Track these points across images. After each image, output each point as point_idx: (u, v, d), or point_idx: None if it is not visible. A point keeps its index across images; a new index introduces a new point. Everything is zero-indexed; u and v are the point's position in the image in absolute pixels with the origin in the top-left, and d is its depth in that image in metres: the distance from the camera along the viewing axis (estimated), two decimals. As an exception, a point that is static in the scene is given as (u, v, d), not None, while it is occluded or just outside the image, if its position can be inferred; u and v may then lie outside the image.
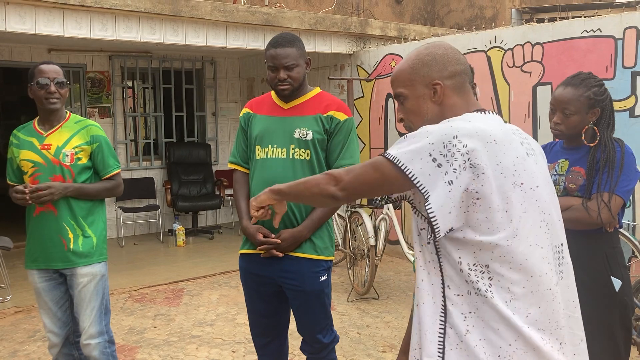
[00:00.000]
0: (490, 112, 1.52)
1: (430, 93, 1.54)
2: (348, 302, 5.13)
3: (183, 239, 7.46)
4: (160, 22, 5.66)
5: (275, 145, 2.60)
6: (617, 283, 2.34)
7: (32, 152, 2.84)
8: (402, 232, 5.41)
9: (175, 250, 7.26)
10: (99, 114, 7.83)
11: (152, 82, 8.35)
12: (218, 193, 8.17)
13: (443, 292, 1.45)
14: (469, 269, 1.41)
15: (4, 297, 5.23)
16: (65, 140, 2.84)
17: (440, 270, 1.45)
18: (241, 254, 2.77)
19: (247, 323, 2.94)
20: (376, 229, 5.13)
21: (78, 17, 5.20)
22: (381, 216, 5.22)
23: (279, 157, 2.59)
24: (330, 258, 2.74)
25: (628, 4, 6.62)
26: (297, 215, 2.61)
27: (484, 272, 1.40)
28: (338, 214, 6.23)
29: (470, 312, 1.41)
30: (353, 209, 5.54)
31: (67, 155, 2.81)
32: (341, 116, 2.63)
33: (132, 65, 8.00)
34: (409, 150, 1.39)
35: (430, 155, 1.37)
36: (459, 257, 1.42)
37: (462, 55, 1.59)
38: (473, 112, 1.51)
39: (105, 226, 2.97)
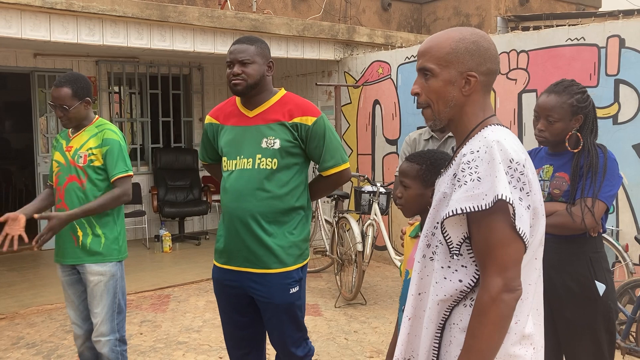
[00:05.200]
0: (503, 125, 1.50)
1: (461, 82, 1.46)
2: (335, 307, 5.13)
3: (169, 245, 7.41)
4: (147, 27, 5.65)
5: (242, 156, 2.54)
6: (601, 287, 2.37)
7: (59, 153, 3.04)
8: (389, 238, 5.43)
9: (161, 257, 7.22)
10: (85, 119, 7.78)
11: (139, 88, 8.32)
12: (205, 199, 8.14)
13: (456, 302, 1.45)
14: (476, 278, 1.42)
15: (-13, 304, 5.17)
16: (82, 143, 2.98)
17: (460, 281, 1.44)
18: (214, 264, 2.72)
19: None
20: (364, 235, 5.14)
21: (65, 22, 5.18)
22: (368, 222, 5.24)
23: (245, 167, 2.53)
24: (302, 264, 2.64)
25: (610, 13, 6.73)
26: (265, 225, 2.51)
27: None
28: (325, 220, 6.23)
29: (454, 324, 1.43)
30: (340, 215, 5.55)
31: (80, 157, 2.95)
32: (308, 120, 2.52)
33: (119, 71, 7.97)
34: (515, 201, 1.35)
35: (510, 175, 1.37)
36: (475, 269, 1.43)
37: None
38: (495, 125, 1.47)
39: (120, 228, 3.06)
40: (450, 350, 1.43)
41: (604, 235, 3.90)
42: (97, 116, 3.09)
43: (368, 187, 5.30)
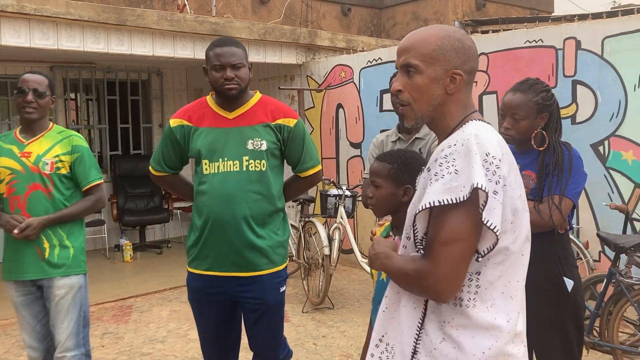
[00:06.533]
0: (484, 121, 1.49)
1: (446, 80, 1.43)
2: (303, 313, 5.08)
3: (130, 255, 7.23)
4: (105, 31, 5.51)
5: (226, 158, 2.49)
6: (569, 283, 2.40)
7: (10, 159, 2.81)
8: (355, 241, 5.42)
9: (122, 266, 7.04)
10: (39, 126, 7.52)
11: (96, 94, 8.10)
12: (166, 206, 7.98)
13: (426, 300, 1.43)
14: None
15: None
16: (46, 149, 2.82)
17: None
18: (190, 273, 2.64)
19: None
20: (330, 238, 5.11)
21: (16, 25, 4.99)
22: (335, 225, 5.22)
23: (232, 170, 2.48)
24: (287, 264, 2.70)
25: (564, 17, 6.91)
26: (256, 227, 2.51)
27: (472, 280, 1.38)
28: (291, 224, 6.18)
29: (445, 322, 1.40)
30: (307, 219, 5.51)
31: (47, 164, 2.79)
32: (290, 122, 2.56)
33: (74, 77, 7.74)
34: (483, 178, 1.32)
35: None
36: None
37: None
38: (476, 120, 1.46)
39: (84, 238, 2.94)
40: (425, 346, 1.42)
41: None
42: (52, 123, 2.97)
43: (334, 191, 5.29)
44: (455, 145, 1.36)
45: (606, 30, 4.50)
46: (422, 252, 1.40)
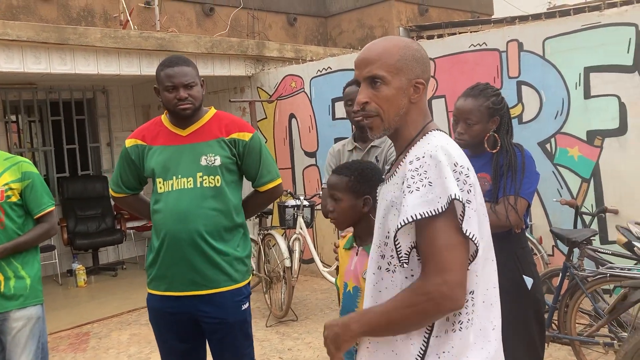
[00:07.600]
0: (443, 131, 1.51)
1: (410, 89, 1.45)
2: (267, 327, 5.03)
3: (84, 279, 7.02)
4: (45, 51, 5.33)
5: (179, 176, 2.46)
6: (529, 281, 2.45)
7: None
8: (316, 250, 5.41)
9: (76, 292, 6.81)
10: (-21, 152, 7.21)
11: (39, 115, 7.83)
12: (119, 227, 7.77)
13: (428, 336, 1.39)
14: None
15: None
16: None
17: None
18: (150, 294, 2.59)
19: (163, 362, 2.77)
20: (290, 250, 5.09)
21: (-50, 48, 4.78)
22: (294, 236, 5.19)
23: (186, 187, 2.45)
24: (248, 280, 2.66)
25: (504, 19, 7.12)
26: (214, 243, 2.46)
27: (467, 300, 1.36)
28: (251, 238, 6.12)
29: (444, 352, 1.37)
30: (265, 232, 5.47)
31: None
32: (246, 136, 2.54)
33: (15, 98, 7.46)
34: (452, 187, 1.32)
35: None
36: None
37: None
38: (436, 130, 1.47)
39: (40, 266, 2.83)
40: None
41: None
42: None
43: (291, 201, 5.26)
44: (423, 157, 1.36)
45: (546, 32, 4.66)
46: (406, 265, 1.37)
